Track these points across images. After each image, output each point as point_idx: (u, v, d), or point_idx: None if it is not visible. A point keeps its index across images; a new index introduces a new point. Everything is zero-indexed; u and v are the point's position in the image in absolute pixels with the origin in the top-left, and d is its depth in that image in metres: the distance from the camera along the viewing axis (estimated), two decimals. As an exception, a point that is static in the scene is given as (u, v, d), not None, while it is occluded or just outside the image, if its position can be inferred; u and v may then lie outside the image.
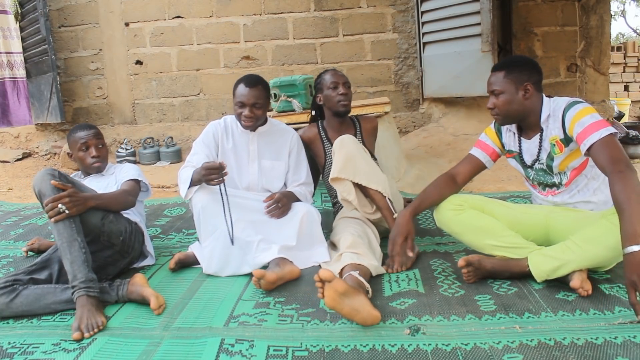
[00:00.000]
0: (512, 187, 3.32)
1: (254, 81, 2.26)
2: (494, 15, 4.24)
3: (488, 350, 1.41)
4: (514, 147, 2.00)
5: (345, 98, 2.37)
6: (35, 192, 1.87)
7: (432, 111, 5.12)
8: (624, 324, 1.49)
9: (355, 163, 2.11)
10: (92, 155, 2.27)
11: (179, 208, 3.26)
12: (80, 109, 5.51)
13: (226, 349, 1.48)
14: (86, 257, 1.80)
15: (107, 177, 2.33)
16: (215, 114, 5.29)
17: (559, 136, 1.83)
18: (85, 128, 2.31)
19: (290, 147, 2.42)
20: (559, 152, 1.84)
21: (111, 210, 2.02)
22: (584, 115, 1.74)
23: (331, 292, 1.53)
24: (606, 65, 5.17)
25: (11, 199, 3.96)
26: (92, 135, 2.28)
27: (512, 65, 1.85)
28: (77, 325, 1.63)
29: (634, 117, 9.20)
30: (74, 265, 1.76)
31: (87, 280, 1.75)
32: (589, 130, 1.70)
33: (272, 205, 2.21)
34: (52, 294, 1.80)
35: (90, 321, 1.65)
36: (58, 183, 1.84)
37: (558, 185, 1.90)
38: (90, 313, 1.67)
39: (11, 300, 1.75)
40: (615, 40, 16.39)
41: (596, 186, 1.86)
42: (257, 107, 2.24)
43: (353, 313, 1.55)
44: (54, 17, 5.31)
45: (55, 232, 1.80)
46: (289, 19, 5.19)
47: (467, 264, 1.83)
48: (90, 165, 2.28)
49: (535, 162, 1.92)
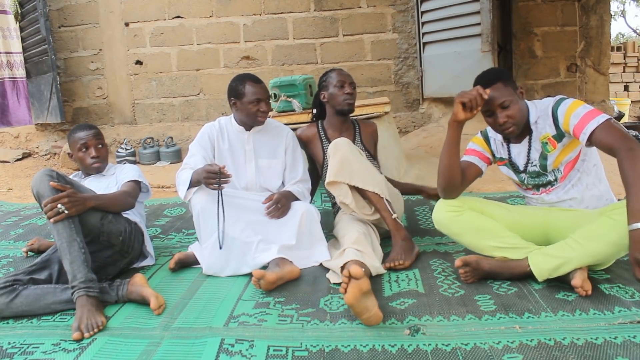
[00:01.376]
0: (512, 187, 3.32)
1: (256, 77, 2.32)
2: (494, 15, 4.24)
3: (488, 350, 1.41)
4: (504, 154, 1.99)
5: (350, 97, 2.38)
6: (33, 193, 1.87)
7: (432, 111, 5.12)
8: (624, 324, 1.49)
9: (350, 166, 2.10)
10: (91, 156, 2.26)
11: (179, 208, 3.26)
12: (80, 109, 5.51)
13: (226, 349, 1.48)
14: (86, 257, 1.80)
15: (108, 178, 2.32)
16: (215, 114, 5.29)
17: (551, 133, 1.83)
18: (85, 128, 2.29)
19: (286, 144, 2.42)
20: (553, 149, 1.84)
21: (110, 211, 2.02)
22: (576, 107, 1.76)
23: (356, 290, 1.53)
24: (606, 65, 5.18)
25: (11, 199, 3.96)
26: (92, 135, 2.27)
27: (501, 75, 1.84)
28: (77, 325, 1.63)
29: (634, 117, 9.20)
30: (74, 266, 1.76)
31: (86, 280, 1.75)
32: (586, 120, 1.71)
33: (272, 206, 2.21)
34: (52, 294, 1.80)
35: (90, 321, 1.65)
36: (56, 184, 1.84)
37: (552, 182, 1.90)
38: (90, 313, 1.67)
39: (11, 300, 1.75)
40: (615, 40, 16.40)
41: (589, 181, 1.87)
42: (268, 101, 2.31)
43: (363, 311, 1.55)
44: (54, 17, 5.31)
45: (55, 233, 1.80)
46: (289, 19, 5.19)
47: (464, 264, 1.83)
48: (90, 165, 2.27)
49: (527, 165, 1.92)
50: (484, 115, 1.87)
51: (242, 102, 2.27)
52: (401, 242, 2.09)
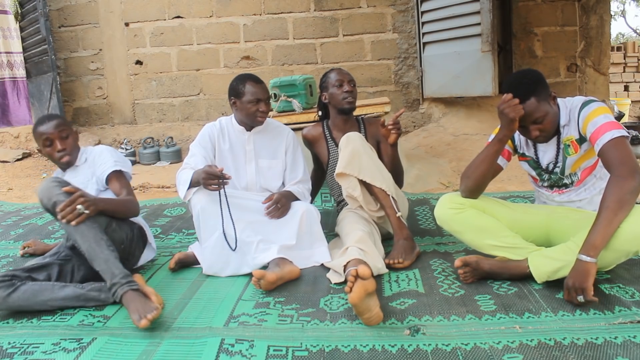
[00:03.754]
0: (512, 187, 3.32)
1: (257, 77, 2.32)
2: (494, 15, 4.24)
3: (488, 350, 1.41)
4: (528, 152, 1.96)
5: (350, 95, 2.38)
6: (44, 204, 1.84)
7: (432, 111, 5.12)
8: (624, 324, 1.49)
9: (360, 159, 2.12)
10: (57, 150, 2.06)
11: (179, 208, 3.25)
12: (80, 109, 5.51)
13: (226, 349, 1.48)
14: (115, 253, 1.79)
15: (84, 170, 2.14)
16: (215, 114, 5.29)
17: (575, 136, 1.81)
18: (45, 121, 2.06)
19: (286, 145, 2.42)
20: (574, 153, 1.82)
21: (116, 217, 1.99)
22: (597, 114, 1.72)
23: (361, 290, 1.53)
24: (606, 65, 5.18)
25: (11, 199, 3.96)
26: (52, 127, 2.05)
27: (534, 87, 1.75)
28: (138, 317, 1.61)
29: (634, 117, 9.20)
30: (109, 263, 1.74)
31: (126, 276, 1.74)
32: (602, 130, 1.68)
33: (271, 206, 2.21)
34: (50, 291, 1.79)
35: (146, 308, 1.63)
36: (69, 188, 1.81)
37: (568, 185, 1.90)
38: (142, 303, 1.66)
39: (8, 294, 1.73)
40: (615, 40, 16.39)
41: (603, 186, 1.84)
42: (267, 101, 2.30)
43: (365, 311, 1.55)
44: (54, 17, 5.31)
45: (79, 237, 1.77)
46: (289, 19, 5.19)
47: (464, 264, 1.83)
48: (59, 160, 2.09)
49: (554, 165, 1.89)
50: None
51: (242, 101, 2.27)
52: (403, 241, 2.09)
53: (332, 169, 2.38)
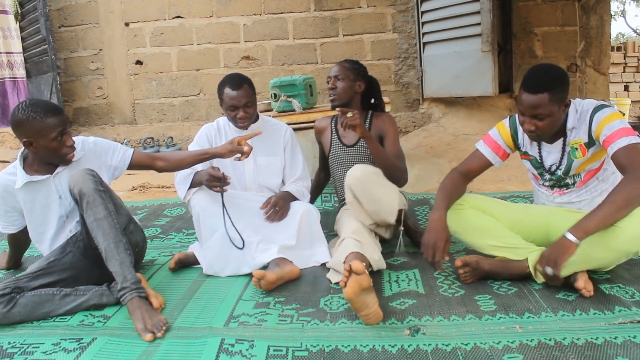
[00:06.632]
0: (512, 187, 3.32)
1: (238, 81, 2.24)
2: (494, 15, 4.24)
3: (488, 350, 1.41)
4: (532, 152, 1.94)
5: (331, 92, 2.35)
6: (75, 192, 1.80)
7: (432, 111, 5.12)
8: (624, 324, 1.49)
9: (361, 207, 2.06)
10: (68, 145, 1.89)
11: (179, 208, 3.25)
12: (80, 109, 5.51)
13: (226, 349, 1.48)
14: (131, 257, 1.78)
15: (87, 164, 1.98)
16: (215, 113, 5.29)
17: (583, 140, 1.79)
18: (56, 112, 1.85)
19: (284, 142, 2.42)
20: (581, 156, 1.81)
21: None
22: (613, 119, 1.71)
23: (356, 285, 1.53)
24: (606, 65, 5.17)
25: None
26: (67, 120, 1.89)
27: (554, 85, 1.72)
28: (143, 326, 1.61)
29: (634, 117, 9.20)
30: (124, 267, 1.73)
31: (136, 282, 1.73)
32: (618, 135, 1.67)
33: (269, 210, 2.21)
34: (51, 302, 1.77)
35: (153, 320, 1.63)
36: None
37: (570, 185, 1.89)
38: (149, 313, 1.66)
39: (8, 310, 1.71)
40: (615, 40, 16.39)
41: (604, 188, 1.84)
42: (248, 106, 2.24)
43: (362, 307, 1.56)
44: (54, 17, 5.31)
45: (100, 234, 1.76)
46: (289, 19, 5.20)
47: (464, 265, 1.83)
48: (65, 156, 1.90)
49: (557, 167, 1.88)
50: (518, 108, 1.79)
51: (222, 106, 2.27)
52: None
53: (332, 158, 2.43)
